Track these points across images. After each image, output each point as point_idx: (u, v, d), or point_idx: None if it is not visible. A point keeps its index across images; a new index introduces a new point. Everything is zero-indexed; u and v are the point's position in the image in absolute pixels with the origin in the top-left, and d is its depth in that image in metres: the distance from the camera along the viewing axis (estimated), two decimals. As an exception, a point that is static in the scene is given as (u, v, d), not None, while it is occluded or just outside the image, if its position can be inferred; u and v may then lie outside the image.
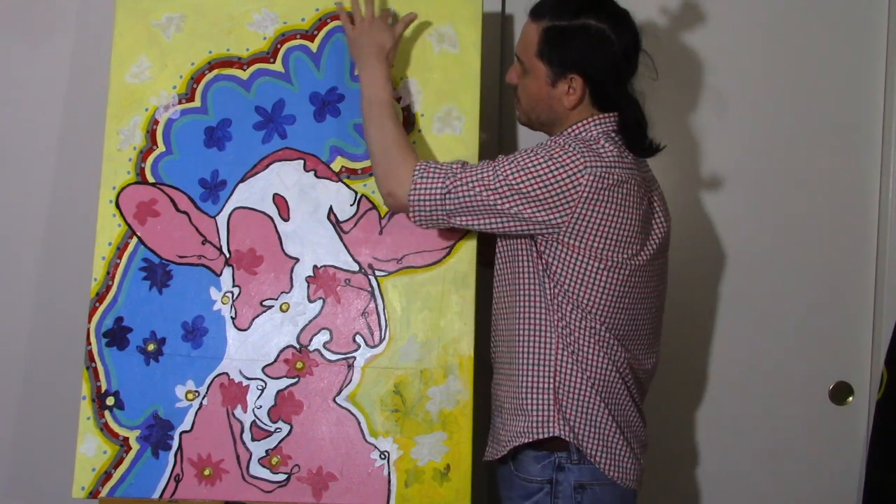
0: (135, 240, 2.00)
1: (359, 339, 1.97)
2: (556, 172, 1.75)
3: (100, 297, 1.99)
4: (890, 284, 2.30)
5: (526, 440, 1.83)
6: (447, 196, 1.80)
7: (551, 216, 1.77)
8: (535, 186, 1.76)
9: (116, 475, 1.95)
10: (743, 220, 2.34)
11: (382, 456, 1.93)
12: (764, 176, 2.34)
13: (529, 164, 1.77)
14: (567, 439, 1.82)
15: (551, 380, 1.83)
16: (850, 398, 2.35)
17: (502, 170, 1.78)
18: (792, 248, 2.34)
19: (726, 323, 2.36)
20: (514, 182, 1.77)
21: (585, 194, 1.75)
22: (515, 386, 1.86)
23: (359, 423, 1.94)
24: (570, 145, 1.78)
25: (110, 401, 1.97)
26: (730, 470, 2.38)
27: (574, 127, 1.85)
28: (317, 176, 2.01)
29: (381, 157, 1.87)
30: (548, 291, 1.82)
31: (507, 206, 1.78)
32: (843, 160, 2.33)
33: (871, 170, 2.33)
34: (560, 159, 1.76)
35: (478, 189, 1.79)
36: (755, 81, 2.33)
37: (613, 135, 1.83)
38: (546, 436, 1.82)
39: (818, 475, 2.37)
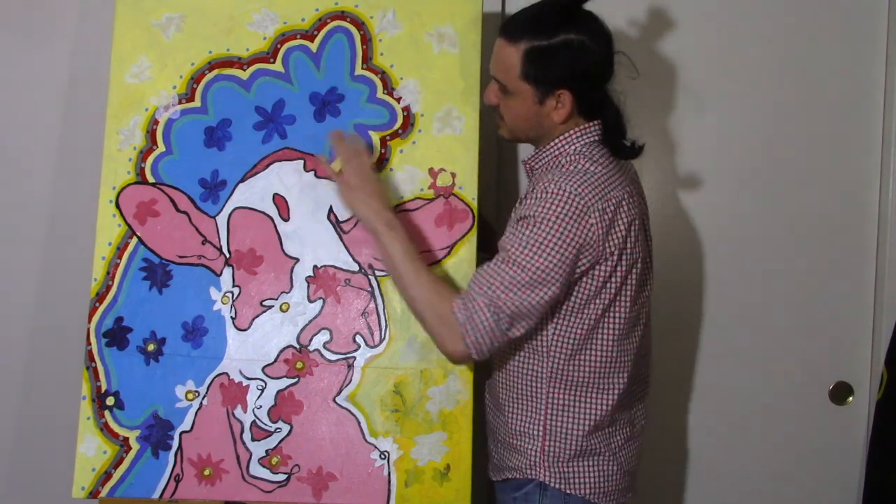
0: (135, 240, 2.00)
1: (359, 339, 1.97)
2: (567, 228, 1.72)
3: (100, 297, 1.99)
4: (890, 284, 2.30)
5: (515, 476, 1.87)
6: (498, 319, 1.73)
7: (583, 263, 1.76)
8: (558, 251, 1.72)
9: (116, 475, 1.95)
10: (743, 220, 2.34)
11: (382, 456, 1.93)
12: (764, 176, 2.34)
13: (541, 236, 1.72)
14: (556, 486, 1.83)
15: (541, 427, 1.85)
16: (850, 398, 2.36)
17: (521, 258, 1.72)
18: (792, 248, 2.34)
19: (726, 323, 2.36)
20: (539, 264, 1.72)
21: (600, 232, 1.74)
22: (505, 424, 1.89)
23: (359, 423, 1.94)
24: (564, 190, 1.73)
25: (110, 401, 1.97)
26: (730, 470, 2.38)
27: (557, 141, 1.84)
28: (317, 176, 2.01)
29: (428, 312, 1.78)
30: (548, 336, 1.82)
31: (550, 288, 1.73)
32: (843, 160, 2.33)
33: (871, 170, 2.33)
34: (564, 211, 1.72)
35: (516, 293, 1.72)
36: (755, 81, 2.33)
37: (596, 146, 1.83)
38: (532, 478, 1.85)
39: (818, 475, 2.37)
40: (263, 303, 1.98)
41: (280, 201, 2.00)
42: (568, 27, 1.76)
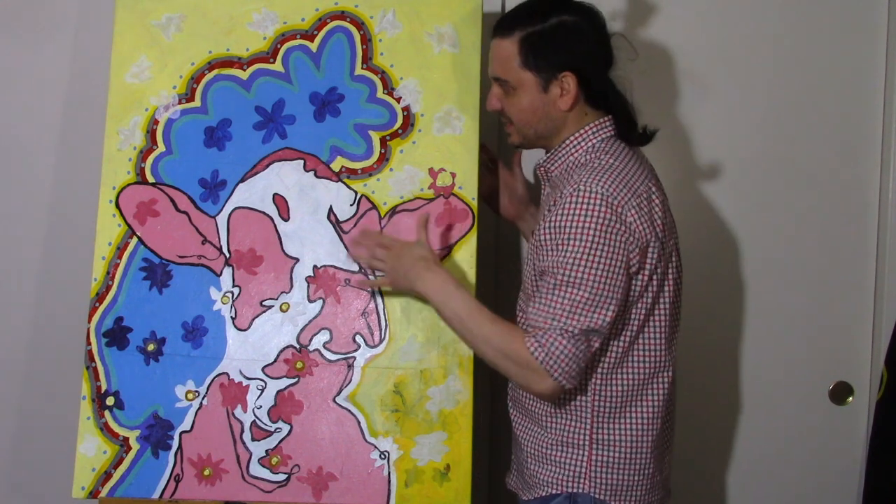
0: (135, 240, 2.00)
1: (359, 339, 1.97)
2: (609, 233, 1.68)
3: (100, 297, 1.99)
4: (890, 284, 2.30)
5: (555, 491, 1.82)
6: (576, 343, 1.69)
7: (633, 264, 1.73)
8: (608, 259, 1.69)
9: (116, 475, 1.95)
10: (743, 221, 2.34)
11: (382, 456, 1.93)
12: (764, 176, 2.33)
13: (586, 249, 1.68)
14: (600, 498, 1.79)
15: (587, 435, 1.81)
16: (850, 398, 2.35)
17: (574, 277, 1.68)
18: (791, 248, 2.34)
19: (726, 323, 2.36)
20: (594, 277, 1.68)
21: (640, 228, 1.72)
22: (545, 435, 1.84)
23: (359, 423, 1.94)
24: (594, 192, 1.70)
25: (110, 401, 1.97)
26: (730, 470, 2.38)
27: (570, 139, 1.82)
28: (317, 176, 2.01)
29: (504, 363, 1.73)
30: None
31: (612, 300, 1.70)
32: (843, 160, 2.33)
33: (871, 170, 2.33)
34: (600, 215, 1.69)
35: (582, 313, 1.68)
36: (754, 81, 2.32)
37: (612, 140, 1.81)
38: (576, 491, 1.80)
39: (818, 475, 2.37)
40: (263, 303, 1.98)
41: (280, 201, 2.00)
42: (560, 11, 1.77)
